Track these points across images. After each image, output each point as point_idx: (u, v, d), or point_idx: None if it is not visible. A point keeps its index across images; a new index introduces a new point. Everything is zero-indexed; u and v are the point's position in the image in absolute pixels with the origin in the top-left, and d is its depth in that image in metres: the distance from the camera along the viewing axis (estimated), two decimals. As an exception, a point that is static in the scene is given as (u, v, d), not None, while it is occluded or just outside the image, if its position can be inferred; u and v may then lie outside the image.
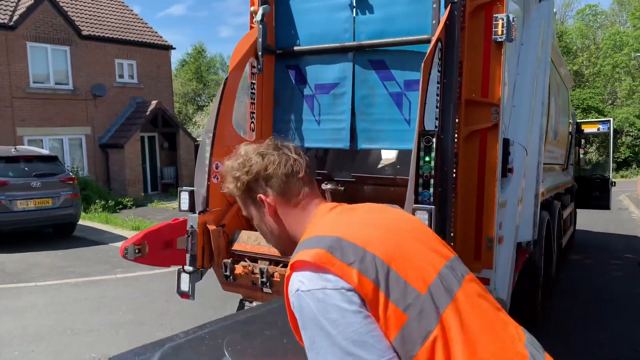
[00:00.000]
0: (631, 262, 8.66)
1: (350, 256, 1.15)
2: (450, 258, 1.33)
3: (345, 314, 1.09)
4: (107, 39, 17.53)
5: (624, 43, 34.68)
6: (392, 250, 1.20)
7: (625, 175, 31.69)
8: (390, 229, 1.30)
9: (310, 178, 1.44)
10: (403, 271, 1.17)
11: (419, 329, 1.11)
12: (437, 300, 1.16)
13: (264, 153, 1.42)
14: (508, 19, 3.49)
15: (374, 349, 1.08)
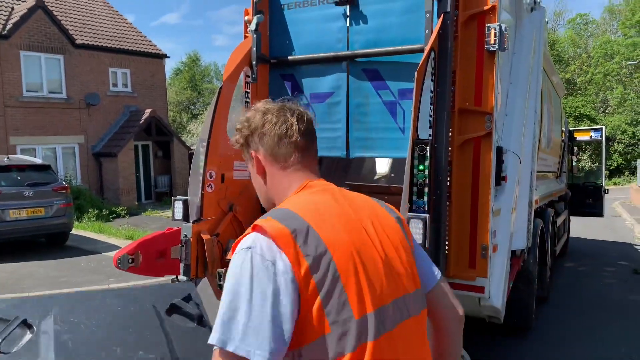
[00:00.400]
0: (625, 269, 8.69)
1: (310, 249, 1.13)
2: (406, 293, 1.27)
3: (272, 293, 1.08)
4: (101, 47, 17.52)
5: (615, 52, 35.05)
6: (351, 262, 1.16)
7: (618, 182, 31.89)
8: (363, 238, 1.24)
9: (307, 145, 1.41)
10: (350, 288, 1.14)
11: (335, 346, 1.10)
12: (366, 329, 1.13)
13: (266, 111, 1.41)
14: (500, 29, 3.52)
15: (265, 341, 1.06)
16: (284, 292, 1.09)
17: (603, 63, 35.45)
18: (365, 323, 1.13)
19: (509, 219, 3.93)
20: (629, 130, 32.37)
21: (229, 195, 4.12)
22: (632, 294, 7.07)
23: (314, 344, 1.10)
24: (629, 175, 32.33)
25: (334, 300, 1.11)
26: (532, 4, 4.72)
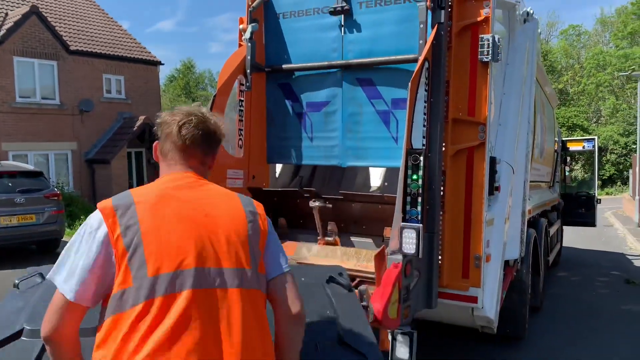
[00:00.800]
0: (617, 279, 8.72)
1: (124, 220, 1.46)
2: (219, 266, 1.48)
3: (87, 250, 1.44)
4: (95, 54, 17.48)
5: (607, 63, 35.43)
6: (155, 234, 1.45)
7: (610, 192, 32.11)
8: (184, 218, 1.50)
9: (185, 147, 1.65)
10: (149, 251, 1.42)
11: (134, 298, 1.39)
12: (155, 286, 1.39)
13: (173, 113, 1.72)
14: (494, 40, 3.54)
15: (74, 283, 1.43)
16: (97, 251, 1.43)
17: (595, 74, 35.82)
18: (157, 281, 1.40)
19: (502, 229, 3.93)
20: (621, 140, 32.66)
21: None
22: (624, 303, 7.09)
23: (121, 292, 1.40)
24: (621, 185, 32.57)
25: (135, 260, 1.41)
26: (525, 15, 4.76)
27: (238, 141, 4.31)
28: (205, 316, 1.42)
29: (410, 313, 3.01)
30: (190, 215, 1.51)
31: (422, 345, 3.17)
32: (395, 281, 2.79)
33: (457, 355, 4.98)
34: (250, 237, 1.56)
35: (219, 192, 1.65)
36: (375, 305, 2.67)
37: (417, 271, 3.12)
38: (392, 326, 2.84)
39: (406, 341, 2.90)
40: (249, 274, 1.52)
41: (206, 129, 1.67)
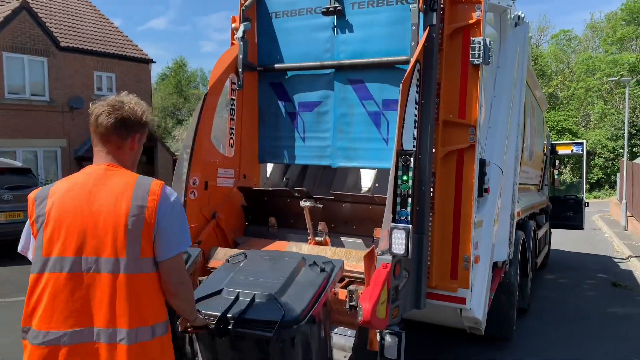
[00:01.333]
0: (604, 282, 8.81)
1: (39, 209, 1.91)
2: (98, 256, 1.85)
3: (25, 229, 2.03)
4: (86, 51, 17.35)
5: (596, 68, 35.77)
6: (57, 222, 1.87)
7: (598, 196, 32.43)
8: (76, 212, 1.88)
9: (101, 135, 1.99)
10: (47, 238, 1.87)
11: (33, 267, 1.91)
12: (46, 266, 1.86)
13: (95, 105, 2.04)
14: (485, 43, 3.57)
15: (20, 246, 2.06)
16: (27, 230, 1.99)
17: (585, 79, 36.16)
18: (47, 262, 1.86)
19: (491, 231, 3.96)
20: (609, 145, 32.99)
21: (212, 202, 4.09)
22: (611, 306, 7.17)
23: (33, 262, 1.92)
24: (608, 189, 32.90)
25: (38, 242, 1.90)
26: (517, 19, 4.80)
27: (229, 140, 4.30)
28: (81, 293, 1.84)
29: (399, 313, 3.02)
30: (81, 209, 1.87)
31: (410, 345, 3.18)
32: (384, 281, 2.80)
33: (445, 356, 5.01)
34: (130, 230, 1.84)
35: (117, 185, 1.90)
36: (364, 305, 2.68)
37: (406, 271, 3.14)
38: (381, 326, 2.85)
39: (395, 341, 2.91)
40: (124, 262, 1.84)
41: (119, 116, 1.95)
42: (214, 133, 4.17)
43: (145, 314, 1.88)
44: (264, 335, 2.43)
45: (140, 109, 2.02)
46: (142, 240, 1.86)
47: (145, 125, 2.05)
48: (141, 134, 2.06)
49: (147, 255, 1.88)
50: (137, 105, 2.02)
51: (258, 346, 2.52)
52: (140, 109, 2.02)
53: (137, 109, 2.01)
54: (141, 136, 2.06)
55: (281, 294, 2.68)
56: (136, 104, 2.03)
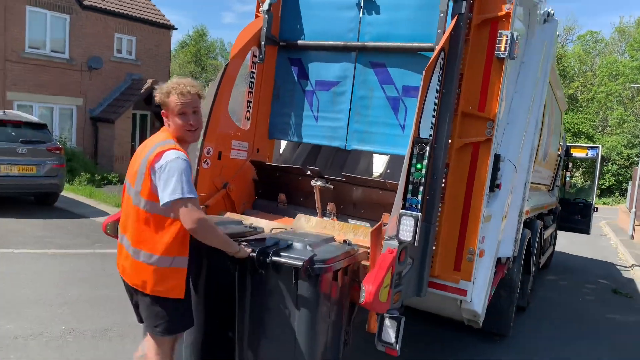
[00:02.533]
0: (605, 288, 8.81)
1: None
2: (133, 182, 2.67)
3: None
4: (108, 11, 17.31)
5: (620, 73, 35.17)
6: (132, 159, 2.77)
7: (608, 202, 32.18)
8: (139, 152, 2.73)
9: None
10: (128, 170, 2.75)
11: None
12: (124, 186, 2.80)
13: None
14: (512, 36, 3.52)
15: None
16: None
17: (607, 83, 35.58)
18: (124, 183, 2.79)
19: (498, 226, 3.96)
20: (624, 152, 32.62)
21: (224, 173, 4.12)
22: (609, 312, 7.18)
23: None
24: (618, 197, 32.63)
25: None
26: (546, 15, 4.71)
27: (245, 113, 4.30)
28: (126, 209, 2.73)
29: (400, 299, 3.05)
30: (138, 153, 2.70)
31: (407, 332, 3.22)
32: (389, 266, 2.82)
33: (441, 346, 5.06)
34: (140, 170, 2.61)
35: (153, 140, 2.71)
36: (367, 287, 2.71)
37: (410, 258, 3.16)
38: (381, 309, 2.89)
39: (394, 325, 2.94)
40: (134, 193, 2.64)
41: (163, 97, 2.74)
42: (232, 105, 4.17)
43: (157, 245, 2.58)
44: (295, 264, 2.73)
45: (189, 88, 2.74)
46: (143, 181, 2.58)
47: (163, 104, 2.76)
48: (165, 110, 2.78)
49: (145, 196, 2.57)
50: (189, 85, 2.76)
51: (287, 281, 2.84)
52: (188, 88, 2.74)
53: (182, 88, 2.75)
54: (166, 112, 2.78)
55: (315, 246, 2.94)
56: (188, 85, 2.75)
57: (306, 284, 2.79)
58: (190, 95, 2.66)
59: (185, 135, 2.70)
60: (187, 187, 2.47)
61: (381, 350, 3.04)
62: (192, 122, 2.69)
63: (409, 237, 2.97)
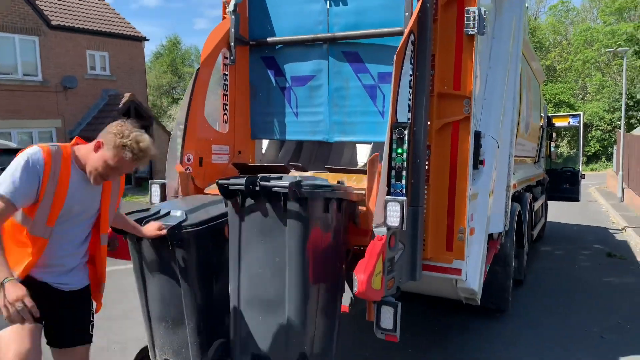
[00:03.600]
0: (599, 252, 8.90)
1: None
2: None
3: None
4: (77, 29, 17.11)
5: (594, 39, 35.44)
6: None
7: (595, 168, 32.50)
8: None
9: None
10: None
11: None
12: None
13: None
14: (479, 12, 3.52)
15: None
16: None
17: (582, 50, 35.85)
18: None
19: (486, 203, 3.97)
20: (606, 117, 32.92)
21: (207, 179, 4.08)
22: (605, 276, 7.25)
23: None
24: (605, 162, 32.96)
25: None
26: (512, -12, 4.72)
27: (223, 116, 4.27)
28: None
29: (394, 284, 3.05)
30: None
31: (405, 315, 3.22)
32: (379, 253, 2.81)
33: (441, 327, 5.08)
34: None
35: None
36: (359, 277, 2.70)
37: (401, 244, 3.15)
38: (376, 297, 2.88)
39: (390, 312, 2.94)
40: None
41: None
42: (208, 110, 4.13)
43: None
44: (283, 187, 2.72)
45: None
46: None
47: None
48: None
49: None
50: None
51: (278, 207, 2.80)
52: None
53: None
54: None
55: (305, 179, 2.91)
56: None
57: (296, 208, 2.72)
58: (138, 164, 2.45)
59: (94, 177, 2.44)
60: (8, 184, 2.24)
61: (381, 338, 3.04)
62: (111, 178, 2.52)
63: (397, 222, 2.96)
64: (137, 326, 5.00)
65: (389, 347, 4.13)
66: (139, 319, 5.19)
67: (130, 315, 5.36)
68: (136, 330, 4.89)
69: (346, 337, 4.70)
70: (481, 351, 4.50)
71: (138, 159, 2.40)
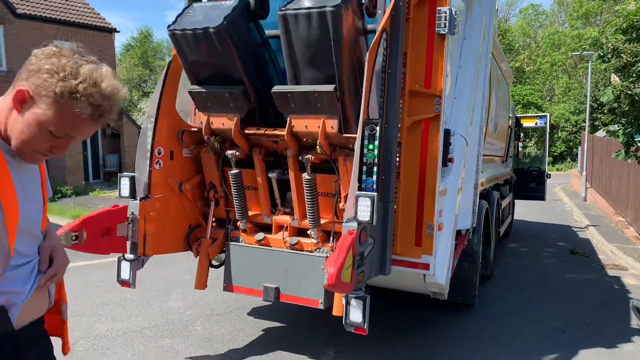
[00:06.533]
0: (563, 249, 9.17)
1: None
2: None
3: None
4: (44, 18, 16.63)
5: (562, 42, 36.39)
6: None
7: (561, 168, 33.40)
8: None
9: None
10: None
11: None
12: None
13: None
14: (451, 12, 3.59)
15: None
16: None
17: (550, 53, 36.77)
18: None
19: (454, 200, 4.06)
20: (572, 118, 33.85)
21: (178, 173, 4.05)
22: (568, 272, 7.49)
23: None
24: (570, 162, 33.91)
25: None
26: (483, -10, 4.82)
27: (194, 110, 4.23)
28: None
29: (364, 278, 3.09)
30: None
31: (375, 311, 3.27)
32: (349, 247, 2.85)
33: (409, 322, 5.17)
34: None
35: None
36: (328, 270, 2.73)
37: (371, 238, 3.20)
38: (345, 290, 2.92)
39: (359, 305, 2.98)
40: None
41: None
42: (180, 104, 4.09)
43: None
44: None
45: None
46: None
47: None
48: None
49: None
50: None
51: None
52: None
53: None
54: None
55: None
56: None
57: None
58: (103, 123, 1.48)
59: (28, 154, 1.46)
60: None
61: (350, 331, 3.07)
62: (59, 152, 1.50)
63: (367, 217, 3.00)
64: (105, 321, 4.94)
65: (358, 341, 4.18)
66: (108, 314, 5.13)
67: (99, 310, 5.28)
68: (105, 325, 4.82)
69: (315, 332, 4.74)
70: (449, 345, 4.59)
71: (102, 114, 1.43)
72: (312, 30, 3.25)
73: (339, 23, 3.17)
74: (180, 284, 6.22)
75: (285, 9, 3.32)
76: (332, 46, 3.24)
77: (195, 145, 4.09)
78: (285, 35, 3.37)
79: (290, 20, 3.29)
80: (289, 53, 3.44)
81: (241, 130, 3.74)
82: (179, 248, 4.14)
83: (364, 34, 3.53)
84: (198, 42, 3.48)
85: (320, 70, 3.37)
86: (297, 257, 3.77)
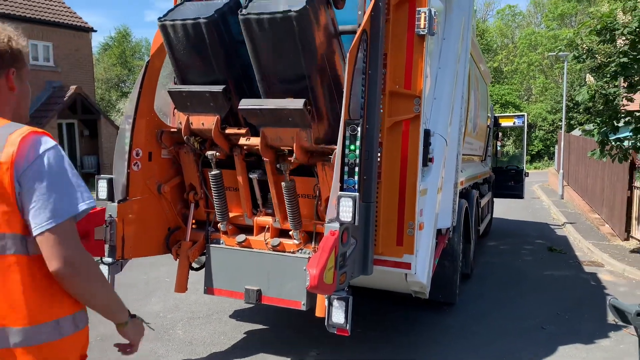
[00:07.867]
0: (541, 247, 9.32)
1: None
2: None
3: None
4: (18, 17, 16.27)
5: (538, 43, 37.01)
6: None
7: (538, 166, 33.96)
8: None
9: None
10: None
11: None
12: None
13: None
14: (430, 13, 3.61)
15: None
16: None
17: (527, 53, 37.37)
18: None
19: (435, 199, 4.08)
20: (549, 117, 34.44)
21: (157, 174, 3.99)
22: (547, 269, 7.61)
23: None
24: (547, 160, 34.51)
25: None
26: (462, -9, 4.86)
27: (173, 110, 4.18)
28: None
29: (346, 279, 3.09)
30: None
31: (357, 311, 3.27)
32: (331, 248, 2.84)
33: (391, 321, 5.19)
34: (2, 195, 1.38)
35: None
36: (310, 271, 2.72)
37: (354, 239, 3.20)
38: (328, 291, 2.91)
39: (342, 306, 2.98)
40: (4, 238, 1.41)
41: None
42: (159, 105, 4.04)
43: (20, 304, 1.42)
44: None
45: (4, 35, 1.50)
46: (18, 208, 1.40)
47: (18, 55, 1.53)
48: (17, 69, 1.54)
49: (17, 230, 1.41)
50: (14, 35, 1.53)
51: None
52: (5, 34, 1.50)
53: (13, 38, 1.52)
54: (18, 71, 1.55)
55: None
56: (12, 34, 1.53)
57: None
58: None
59: (24, 111, 1.66)
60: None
61: (332, 332, 3.07)
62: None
63: (349, 218, 3.00)
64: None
65: (340, 342, 4.18)
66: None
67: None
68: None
69: (297, 333, 4.72)
70: (430, 344, 4.62)
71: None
72: (278, 37, 3.18)
73: (307, 28, 3.11)
74: (160, 287, 6.14)
75: (247, 13, 3.22)
76: (302, 54, 3.19)
77: (175, 146, 4.05)
78: (251, 43, 3.32)
79: (254, 26, 3.23)
80: (256, 61, 3.38)
81: (222, 131, 3.71)
82: (158, 251, 4.09)
83: (336, 36, 3.48)
84: (187, 33, 3.45)
85: (290, 81, 3.34)
86: (279, 259, 3.76)
